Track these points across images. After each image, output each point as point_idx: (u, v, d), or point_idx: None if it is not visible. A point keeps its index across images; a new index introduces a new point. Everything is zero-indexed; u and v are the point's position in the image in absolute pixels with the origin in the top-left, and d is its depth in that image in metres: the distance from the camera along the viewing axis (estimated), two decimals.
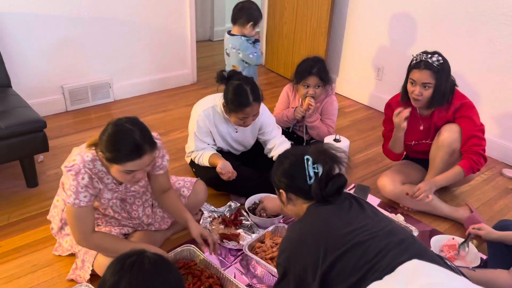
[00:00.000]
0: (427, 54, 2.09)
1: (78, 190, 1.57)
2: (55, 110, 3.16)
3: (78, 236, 1.63)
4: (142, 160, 1.52)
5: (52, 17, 2.93)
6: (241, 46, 2.89)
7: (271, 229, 2.02)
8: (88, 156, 1.59)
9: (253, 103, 2.10)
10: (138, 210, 1.88)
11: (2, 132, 2.09)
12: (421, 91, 2.10)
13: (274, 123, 2.41)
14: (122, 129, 1.51)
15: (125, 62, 3.41)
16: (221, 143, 2.36)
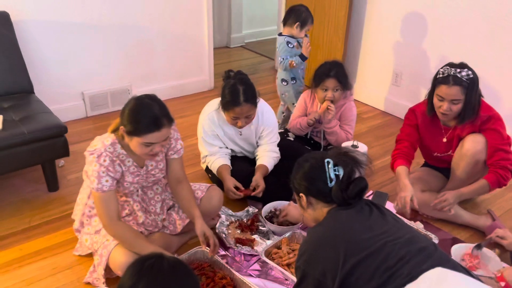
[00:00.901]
0: (456, 68, 1.99)
1: (100, 174, 1.65)
2: (76, 115, 3.22)
3: (105, 220, 1.70)
4: (161, 133, 1.60)
5: (73, 24, 3.00)
6: (280, 46, 2.89)
7: (288, 235, 2.01)
8: (108, 140, 1.70)
9: (244, 103, 2.10)
10: (156, 206, 1.93)
11: (25, 137, 2.14)
12: (449, 106, 2.03)
13: (273, 129, 2.38)
14: (142, 103, 1.61)
15: (144, 68, 3.46)
16: (230, 145, 2.37)
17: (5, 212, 2.22)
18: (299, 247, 1.43)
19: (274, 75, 4.35)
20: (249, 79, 2.21)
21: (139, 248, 1.67)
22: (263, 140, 2.36)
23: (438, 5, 2.99)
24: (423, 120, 2.26)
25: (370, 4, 3.41)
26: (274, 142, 2.37)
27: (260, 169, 2.27)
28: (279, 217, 2.15)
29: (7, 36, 2.53)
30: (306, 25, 2.85)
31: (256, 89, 2.19)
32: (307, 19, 2.85)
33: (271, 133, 2.35)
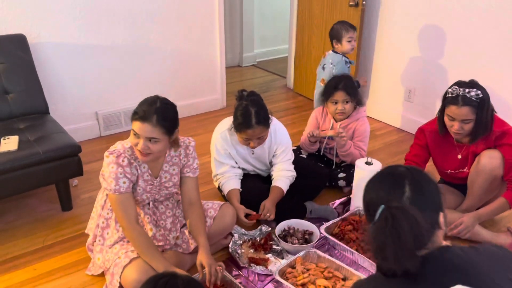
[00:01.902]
0: (464, 88, 1.98)
1: (118, 176, 1.69)
2: (90, 135, 3.26)
3: (124, 223, 1.72)
4: (144, 125, 1.62)
5: (88, 46, 3.06)
6: (337, 63, 2.87)
7: (302, 254, 1.98)
8: (127, 143, 1.76)
9: (256, 126, 2.09)
10: (166, 221, 1.93)
11: (40, 157, 2.16)
12: (461, 126, 2.01)
13: (286, 147, 2.36)
14: (152, 97, 1.70)
15: (157, 88, 3.48)
16: (243, 164, 2.36)
17: (19, 232, 2.23)
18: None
19: (286, 93, 4.37)
20: (261, 99, 2.21)
21: (151, 256, 1.68)
22: (277, 159, 2.34)
23: (451, 20, 2.98)
24: (433, 139, 2.23)
25: (382, 21, 3.42)
26: (289, 160, 2.35)
27: (273, 193, 2.24)
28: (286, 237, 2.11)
29: (24, 58, 2.59)
30: (342, 37, 2.85)
31: (269, 109, 2.19)
32: (339, 32, 2.86)
33: (284, 152, 2.33)
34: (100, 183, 2.63)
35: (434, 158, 2.28)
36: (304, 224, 2.19)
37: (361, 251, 2.03)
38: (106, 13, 3.06)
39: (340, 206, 2.49)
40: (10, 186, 2.14)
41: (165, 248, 1.89)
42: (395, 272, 1.02)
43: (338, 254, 2.10)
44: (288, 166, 2.33)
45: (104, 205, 1.87)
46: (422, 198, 1.07)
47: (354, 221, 2.21)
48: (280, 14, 5.26)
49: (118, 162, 1.70)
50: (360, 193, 2.34)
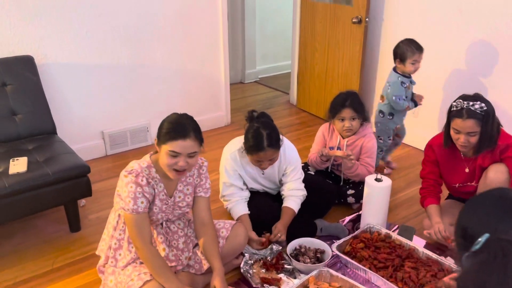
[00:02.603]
0: (468, 102, 2.00)
1: (136, 195, 1.69)
2: (96, 154, 3.25)
3: (139, 243, 1.71)
4: (186, 142, 1.64)
5: (94, 66, 3.08)
6: (393, 84, 2.82)
7: (315, 273, 1.96)
8: (144, 163, 1.75)
9: (267, 148, 2.09)
10: (179, 241, 1.92)
11: (49, 178, 2.16)
12: (467, 138, 2.03)
13: (296, 166, 2.35)
14: (175, 115, 1.74)
15: (162, 106, 3.51)
16: (252, 184, 2.35)
17: (28, 254, 2.21)
18: None
19: (289, 109, 4.38)
20: (272, 120, 2.21)
21: (165, 278, 1.67)
22: (287, 178, 2.34)
23: (453, 35, 3.01)
24: (442, 153, 2.24)
25: (384, 37, 3.46)
26: (299, 179, 2.34)
27: (285, 215, 2.24)
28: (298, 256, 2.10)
29: (32, 80, 2.60)
30: (406, 58, 2.75)
31: (279, 130, 2.19)
32: (404, 52, 2.75)
33: (294, 170, 2.33)
34: (108, 203, 2.66)
35: (442, 172, 2.28)
36: (316, 242, 2.17)
37: (374, 269, 2.02)
38: (111, 33, 3.08)
39: (350, 223, 2.48)
40: (20, 208, 2.13)
41: (178, 268, 1.87)
42: None
43: (351, 273, 2.08)
44: (299, 185, 2.33)
45: (116, 226, 1.86)
46: None
47: (365, 239, 2.19)
48: (281, 31, 5.32)
49: (137, 182, 1.70)
50: (370, 210, 2.35)
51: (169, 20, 3.32)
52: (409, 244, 2.14)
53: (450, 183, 2.27)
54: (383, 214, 2.31)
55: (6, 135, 2.47)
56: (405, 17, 3.28)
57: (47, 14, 2.79)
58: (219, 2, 3.52)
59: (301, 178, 2.35)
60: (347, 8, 3.48)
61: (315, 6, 3.80)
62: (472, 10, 2.88)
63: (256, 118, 2.17)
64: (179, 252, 1.90)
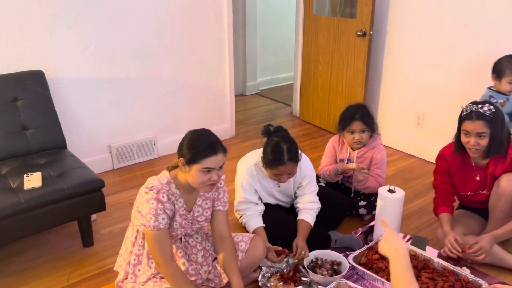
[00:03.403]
0: (477, 104, 2.08)
1: (158, 212, 1.68)
2: (103, 168, 3.24)
3: (160, 260, 1.71)
4: (218, 157, 1.68)
5: (102, 80, 3.09)
6: (481, 97, 2.63)
7: (333, 285, 1.96)
8: (163, 179, 1.75)
9: (288, 162, 2.09)
10: (197, 255, 1.92)
11: (65, 193, 2.15)
12: (476, 141, 2.07)
13: (312, 179, 2.37)
14: (199, 132, 1.74)
15: (169, 119, 3.52)
16: (267, 198, 2.36)
17: (42, 270, 2.19)
18: None
19: (292, 121, 4.41)
20: (289, 134, 2.21)
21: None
22: (302, 191, 2.35)
23: (457, 48, 3.07)
24: (453, 162, 2.28)
25: (388, 49, 3.51)
26: (314, 191, 2.35)
27: (302, 230, 2.24)
28: (315, 268, 2.11)
29: (43, 95, 2.60)
30: (503, 76, 2.58)
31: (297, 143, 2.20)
32: (502, 69, 2.59)
33: (310, 183, 2.34)
34: (119, 217, 2.65)
35: (454, 181, 2.31)
36: (332, 254, 2.18)
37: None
38: (120, 47, 3.10)
39: (362, 235, 2.49)
40: (35, 223, 2.11)
41: (197, 283, 1.87)
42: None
43: (368, 284, 2.09)
44: (313, 198, 2.34)
45: (135, 241, 1.85)
46: None
47: None
48: (282, 44, 5.38)
49: (158, 198, 1.69)
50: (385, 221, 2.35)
51: (176, 34, 3.34)
52: (424, 255, 2.16)
53: (461, 191, 2.30)
54: (397, 225, 2.33)
55: (18, 150, 2.46)
56: (409, 29, 3.34)
57: (57, 29, 2.80)
58: (224, 16, 3.56)
59: (316, 191, 2.37)
60: (351, 21, 3.54)
61: (318, 19, 3.85)
62: (476, 24, 2.94)
63: (274, 132, 2.17)
64: (198, 266, 1.90)
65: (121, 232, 2.45)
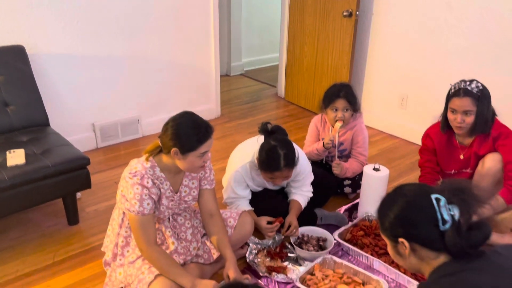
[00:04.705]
0: (466, 82, 2.12)
1: (142, 197, 1.67)
2: (87, 147, 3.20)
3: (143, 245, 1.70)
4: (212, 139, 1.70)
5: (85, 57, 3.02)
6: None
7: (320, 261, 2.01)
8: (147, 163, 1.72)
9: (284, 168, 2.03)
10: (186, 232, 1.92)
11: (50, 170, 2.12)
12: (463, 118, 2.12)
13: (308, 174, 2.33)
14: (183, 121, 1.67)
15: (153, 98, 3.48)
16: (257, 190, 2.33)
17: (27, 248, 2.17)
18: None
19: (277, 102, 4.42)
20: (287, 135, 2.13)
21: (175, 275, 1.68)
22: (297, 183, 2.31)
23: (442, 30, 3.10)
24: (439, 141, 2.33)
25: (374, 30, 3.52)
26: (309, 183, 2.34)
27: (294, 208, 2.24)
28: (302, 244, 2.14)
29: (24, 70, 2.54)
30: None
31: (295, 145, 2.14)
32: None
33: (306, 177, 2.31)
34: (104, 196, 2.64)
35: (439, 159, 2.37)
36: (317, 231, 2.22)
37: (375, 256, 2.08)
38: (103, 24, 3.03)
39: (346, 212, 2.53)
40: (19, 201, 2.08)
41: (187, 259, 1.88)
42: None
43: (352, 260, 2.14)
44: (308, 187, 2.33)
45: (121, 223, 1.83)
46: None
47: (365, 227, 2.25)
48: (267, 24, 5.34)
49: (143, 184, 1.67)
50: (368, 199, 2.41)
51: (162, 12, 3.28)
52: None
53: (446, 170, 2.35)
54: None
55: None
56: (394, 11, 3.35)
57: (38, 3, 2.71)
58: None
59: (310, 181, 2.34)
60: (337, 2, 3.53)
61: (305, 0, 3.83)
62: (462, 6, 2.96)
63: (271, 133, 2.09)
64: (188, 244, 1.91)
65: (107, 210, 2.44)
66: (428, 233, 1.13)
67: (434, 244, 1.14)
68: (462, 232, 1.10)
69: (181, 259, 1.85)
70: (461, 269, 1.10)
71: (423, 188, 1.19)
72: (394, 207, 1.19)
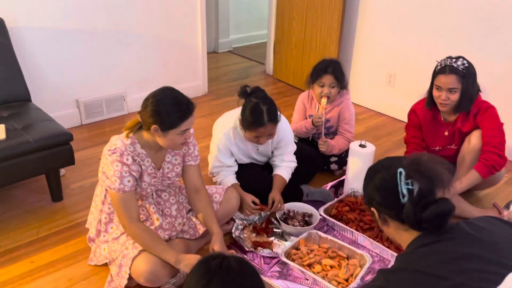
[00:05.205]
0: (452, 59, 2.11)
1: (123, 174, 1.64)
2: (71, 123, 3.14)
3: (125, 222, 1.69)
4: (193, 117, 1.66)
5: (68, 31, 2.94)
6: None
7: (305, 235, 2.02)
8: (127, 140, 1.69)
9: (268, 123, 2.05)
10: (171, 208, 1.91)
11: (31, 146, 2.07)
12: (447, 95, 2.12)
13: (290, 139, 2.35)
14: (164, 97, 1.62)
15: (139, 74, 3.42)
16: (243, 160, 2.33)
17: (11, 225, 2.14)
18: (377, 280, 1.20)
19: (265, 79, 4.38)
20: (267, 94, 2.14)
21: (159, 250, 1.67)
22: (280, 151, 2.33)
23: (431, 7, 3.07)
24: (424, 117, 2.33)
25: (363, 7, 3.48)
26: (291, 151, 2.34)
27: (277, 183, 2.25)
28: (287, 220, 2.15)
29: (3, 43, 2.46)
30: None
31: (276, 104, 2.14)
32: None
33: (288, 144, 2.32)
34: (88, 172, 2.61)
35: (424, 135, 2.38)
36: (303, 207, 2.23)
37: (360, 231, 2.10)
38: None
39: (332, 189, 2.55)
40: (1, 176, 2.04)
41: (172, 235, 1.88)
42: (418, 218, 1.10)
43: (337, 235, 2.16)
44: (291, 157, 2.34)
45: (104, 200, 1.82)
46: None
47: (350, 202, 2.27)
48: (255, 0, 5.24)
49: (122, 161, 1.64)
50: (354, 175, 2.42)
51: None
52: None
53: (431, 146, 2.37)
54: None
55: None
56: None
57: None
58: None
59: (293, 151, 2.35)
60: None
61: None
62: None
63: (251, 93, 2.10)
64: (173, 219, 1.90)
65: (92, 187, 2.40)
66: (392, 205, 1.18)
67: (399, 216, 1.18)
68: (417, 206, 1.13)
69: (166, 234, 1.84)
70: (436, 240, 1.13)
71: (394, 162, 1.23)
72: (368, 178, 1.26)
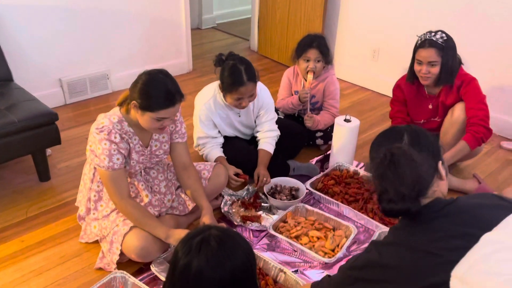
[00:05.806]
0: (431, 33, 2.15)
1: (111, 153, 1.65)
2: (54, 103, 3.10)
3: (116, 199, 1.70)
4: (174, 108, 1.63)
5: (49, 8, 2.87)
6: None
7: (292, 209, 2.07)
8: (114, 118, 1.69)
9: (247, 82, 2.07)
10: (160, 185, 1.93)
11: (16, 126, 2.06)
12: (428, 69, 2.16)
13: (270, 106, 2.39)
14: (156, 78, 1.61)
15: (122, 53, 3.37)
16: (227, 131, 2.36)
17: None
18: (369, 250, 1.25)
19: (250, 55, 4.35)
20: (244, 57, 2.19)
21: (149, 226, 1.70)
22: (261, 119, 2.37)
23: None
24: (409, 91, 2.37)
25: None
26: (272, 119, 2.39)
27: (262, 158, 2.28)
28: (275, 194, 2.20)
29: None
30: None
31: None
32: None
33: (268, 111, 2.36)
34: (75, 152, 2.60)
35: (409, 109, 2.43)
36: (290, 181, 2.27)
37: (345, 203, 2.16)
38: None
39: (318, 163, 2.59)
40: None
41: (161, 211, 1.90)
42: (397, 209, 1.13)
43: (324, 207, 2.21)
44: (272, 126, 2.38)
45: (93, 178, 1.82)
46: (419, 144, 1.17)
47: (336, 176, 2.32)
48: None
49: (110, 139, 1.64)
50: (340, 149, 2.46)
51: None
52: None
53: (415, 120, 2.42)
54: (352, 153, 2.44)
55: None
56: None
57: None
58: None
59: (274, 119, 2.40)
60: None
61: None
62: None
63: (227, 58, 2.14)
64: (162, 196, 1.93)
65: (79, 167, 2.41)
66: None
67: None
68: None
69: (156, 211, 1.87)
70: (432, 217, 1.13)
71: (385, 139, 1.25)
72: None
